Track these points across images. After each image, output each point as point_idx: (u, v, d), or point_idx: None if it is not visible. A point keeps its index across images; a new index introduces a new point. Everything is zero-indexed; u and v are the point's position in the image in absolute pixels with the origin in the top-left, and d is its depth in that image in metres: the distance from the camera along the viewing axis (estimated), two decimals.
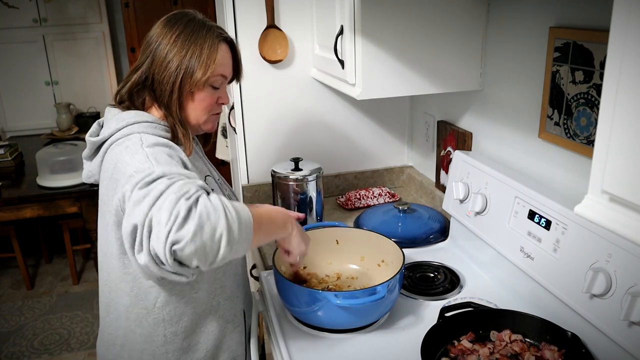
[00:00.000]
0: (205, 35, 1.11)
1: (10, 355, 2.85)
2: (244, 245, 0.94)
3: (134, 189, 0.91)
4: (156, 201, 0.87)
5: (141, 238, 0.88)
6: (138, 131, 1.07)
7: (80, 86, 4.33)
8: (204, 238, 0.86)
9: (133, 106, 1.15)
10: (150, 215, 0.87)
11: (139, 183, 0.91)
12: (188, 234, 0.85)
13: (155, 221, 0.86)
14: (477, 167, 1.50)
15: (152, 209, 0.87)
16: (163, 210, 0.86)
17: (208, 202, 0.89)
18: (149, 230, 0.87)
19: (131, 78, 1.13)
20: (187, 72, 1.09)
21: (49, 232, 3.96)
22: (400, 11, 1.44)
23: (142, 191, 0.89)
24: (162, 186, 0.89)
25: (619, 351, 1.02)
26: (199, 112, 1.15)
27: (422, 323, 1.27)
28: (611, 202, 0.65)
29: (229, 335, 1.22)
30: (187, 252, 0.86)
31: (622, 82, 0.60)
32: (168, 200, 0.86)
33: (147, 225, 0.87)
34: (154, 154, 0.99)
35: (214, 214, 0.88)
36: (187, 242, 0.85)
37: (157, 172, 0.92)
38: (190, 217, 0.86)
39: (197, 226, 0.85)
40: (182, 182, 0.90)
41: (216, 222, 0.88)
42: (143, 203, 0.88)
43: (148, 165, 0.96)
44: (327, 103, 1.99)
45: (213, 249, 0.88)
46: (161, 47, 1.10)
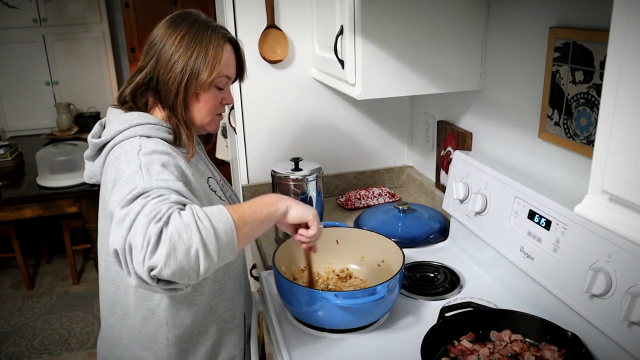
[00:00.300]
0: (211, 36, 1.10)
1: (10, 355, 2.85)
2: (227, 251, 0.91)
3: (117, 206, 0.90)
4: (132, 224, 0.86)
5: (125, 261, 0.87)
6: (140, 133, 1.07)
7: (80, 86, 4.33)
8: (179, 259, 0.84)
9: (136, 107, 1.14)
10: (128, 240, 0.86)
11: (122, 201, 0.90)
12: (161, 259, 0.83)
13: (133, 246, 0.85)
14: (477, 167, 1.50)
15: (130, 233, 0.86)
16: (137, 234, 0.85)
17: (179, 219, 0.86)
18: (130, 254, 0.86)
19: (135, 79, 1.13)
20: (192, 73, 1.09)
21: (49, 232, 3.96)
22: (400, 11, 1.44)
23: (123, 211, 0.89)
24: (137, 207, 0.87)
25: (619, 351, 1.02)
26: (203, 113, 1.15)
27: (422, 323, 1.27)
28: (611, 202, 0.65)
29: (227, 337, 1.22)
30: (165, 275, 0.85)
31: (622, 82, 0.60)
32: (140, 224, 0.85)
33: (127, 250, 0.86)
34: (147, 164, 0.98)
35: (185, 232, 0.85)
36: (162, 267, 0.83)
37: (138, 188, 0.91)
38: (161, 241, 0.84)
39: (169, 249, 0.84)
40: (155, 201, 0.88)
41: (189, 240, 0.85)
42: (122, 225, 0.87)
43: (137, 178, 0.95)
44: (327, 103, 1.99)
45: (191, 266, 0.86)
46: (166, 48, 1.09)
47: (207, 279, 1.14)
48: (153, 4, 4.16)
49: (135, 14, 4.19)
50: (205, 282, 1.13)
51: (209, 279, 1.14)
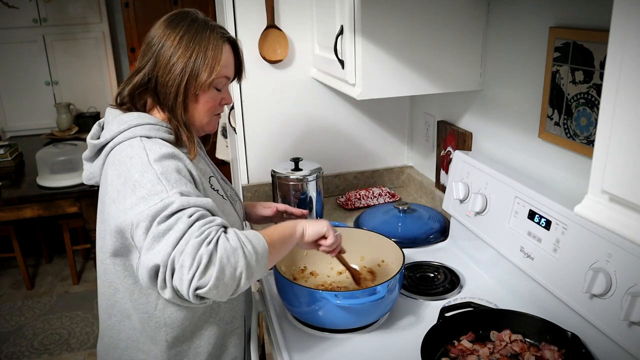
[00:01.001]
0: (209, 36, 1.09)
1: (10, 355, 2.85)
2: (260, 272, 0.98)
3: (152, 221, 0.92)
4: (178, 242, 0.89)
5: (164, 277, 0.90)
6: (140, 134, 1.06)
7: (80, 86, 4.33)
8: (225, 280, 0.90)
9: (134, 108, 1.13)
10: (172, 257, 0.89)
11: (158, 217, 0.92)
12: (211, 280, 0.88)
13: (178, 265, 0.88)
14: (477, 167, 1.50)
15: (175, 250, 0.89)
16: (186, 254, 0.88)
17: (227, 243, 0.91)
18: (172, 271, 0.89)
19: (133, 80, 1.11)
20: (192, 74, 1.08)
21: (49, 232, 3.96)
22: (400, 11, 1.44)
23: (162, 226, 0.91)
24: (183, 226, 0.91)
25: (619, 351, 1.02)
26: (202, 114, 1.14)
27: (422, 323, 1.27)
28: (611, 202, 0.65)
29: (228, 338, 1.22)
30: (210, 295, 0.90)
31: (622, 82, 0.60)
32: (190, 244, 0.89)
33: (169, 266, 0.89)
34: (164, 172, 0.99)
35: (233, 256, 0.91)
36: (211, 287, 0.88)
37: (175, 204, 0.93)
38: (211, 263, 0.89)
39: (219, 272, 0.89)
40: (202, 222, 0.92)
41: (236, 263, 0.91)
42: (164, 242, 0.90)
43: (161, 189, 0.96)
44: (327, 103, 1.99)
45: (233, 286, 0.92)
46: (164, 48, 1.08)
47: None
48: (153, 4, 4.16)
49: (135, 14, 4.19)
50: None
51: None
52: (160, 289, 0.92)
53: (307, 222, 1.18)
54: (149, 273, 0.91)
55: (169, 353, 1.13)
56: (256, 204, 1.46)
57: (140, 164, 1.00)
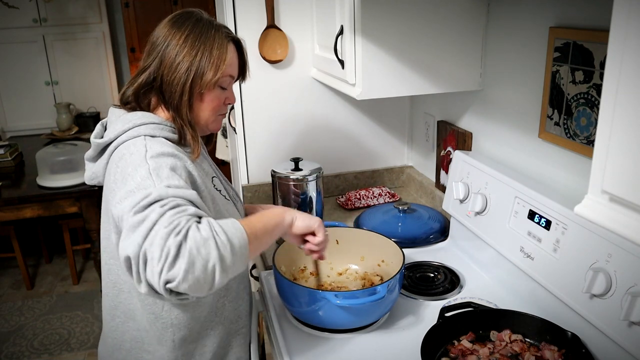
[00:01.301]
0: (214, 36, 1.10)
1: (10, 355, 2.85)
2: (240, 264, 0.93)
3: (130, 211, 0.90)
4: (149, 233, 0.86)
5: (137, 269, 0.87)
6: (144, 133, 1.06)
7: (80, 86, 4.33)
8: (196, 274, 0.85)
9: (139, 107, 1.13)
10: (144, 248, 0.85)
11: (136, 206, 0.89)
12: (180, 273, 0.84)
13: (149, 256, 0.85)
14: (477, 167, 1.50)
15: (145, 241, 0.86)
16: (154, 245, 0.85)
17: (197, 234, 0.87)
18: (144, 263, 0.86)
19: (138, 79, 1.12)
20: (197, 73, 1.08)
21: (49, 232, 3.96)
22: (400, 11, 1.44)
23: (138, 217, 0.88)
24: (154, 216, 0.87)
25: (619, 351, 1.02)
26: (207, 113, 1.15)
27: (422, 323, 1.27)
28: (611, 202, 0.65)
29: (233, 338, 1.22)
30: (181, 288, 0.85)
31: (622, 82, 0.60)
32: (159, 235, 0.85)
33: (141, 258, 0.86)
34: (156, 168, 0.97)
35: (203, 247, 0.86)
36: (180, 281, 0.84)
37: (153, 195, 0.90)
38: (180, 255, 0.84)
39: (188, 264, 0.84)
40: (173, 212, 0.88)
41: (207, 255, 0.86)
42: (137, 232, 0.87)
43: (149, 183, 0.94)
44: (327, 103, 1.99)
45: (207, 280, 0.87)
46: (170, 48, 1.09)
47: None
48: (153, 4, 4.16)
49: (135, 14, 4.19)
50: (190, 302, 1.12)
51: None
52: (136, 283, 0.88)
53: (298, 213, 1.15)
54: (125, 265, 0.88)
55: (175, 353, 1.13)
56: (256, 206, 1.46)
57: (136, 159, 1.00)
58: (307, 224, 1.15)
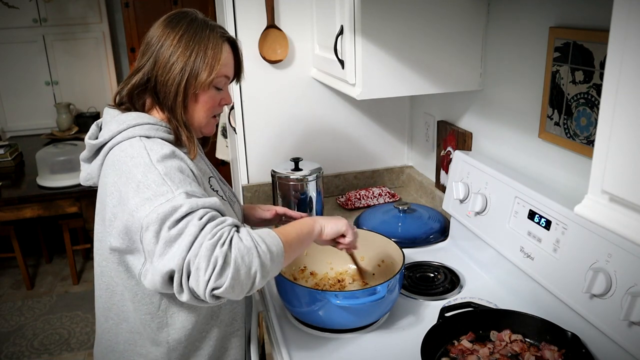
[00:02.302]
0: (209, 36, 1.09)
1: (10, 355, 2.85)
2: (276, 270, 0.99)
3: (161, 225, 0.92)
4: (191, 245, 0.90)
5: (180, 281, 0.90)
6: (140, 134, 1.06)
7: (80, 86, 4.33)
8: (241, 279, 0.91)
9: (133, 108, 1.13)
10: (187, 260, 0.89)
11: (167, 221, 0.92)
12: (227, 280, 0.89)
13: (194, 268, 0.89)
14: (477, 167, 1.50)
15: (189, 254, 0.89)
16: (201, 257, 0.89)
17: (241, 243, 0.92)
18: (187, 274, 0.90)
19: (132, 80, 1.11)
20: (192, 73, 1.07)
21: (49, 232, 3.96)
22: (400, 11, 1.44)
23: (173, 231, 0.91)
24: (194, 229, 0.91)
25: (619, 351, 1.02)
26: (202, 114, 1.14)
27: (422, 323, 1.27)
28: (611, 202, 0.65)
29: (229, 340, 1.21)
30: (226, 294, 0.91)
31: (622, 82, 0.60)
32: (204, 247, 0.89)
33: (185, 271, 0.90)
34: (167, 173, 0.98)
35: (247, 255, 0.92)
36: (227, 288, 0.89)
37: (184, 207, 0.92)
38: (227, 264, 0.89)
39: (235, 271, 0.90)
40: (214, 224, 0.93)
41: (250, 262, 0.92)
42: (177, 246, 0.90)
43: (166, 189, 0.95)
44: (327, 103, 1.99)
45: (248, 285, 0.93)
46: (164, 48, 1.08)
47: None
48: (153, 4, 4.16)
49: (135, 14, 4.19)
50: None
51: None
52: (177, 293, 0.92)
53: (325, 219, 1.19)
54: (164, 278, 0.92)
55: (170, 355, 1.12)
56: (255, 207, 1.46)
57: (142, 164, 1.00)
58: (336, 230, 1.19)
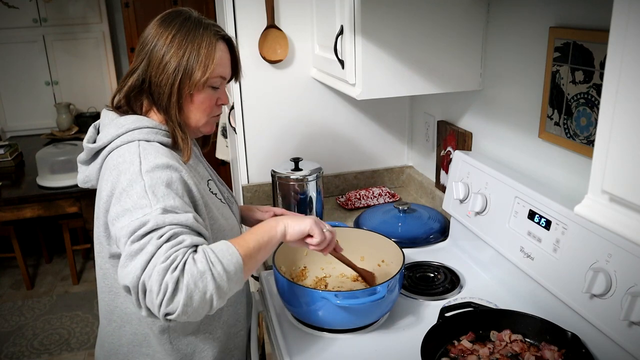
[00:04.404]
0: (202, 34, 1.07)
1: (10, 355, 2.85)
2: (235, 287, 0.96)
3: (127, 239, 0.92)
4: (146, 265, 0.89)
5: (137, 297, 0.90)
6: (139, 138, 1.04)
7: (80, 86, 4.33)
8: (194, 305, 0.88)
9: (131, 110, 1.11)
10: (142, 281, 0.88)
11: (133, 235, 0.91)
12: (178, 306, 0.87)
13: (148, 288, 0.88)
14: (477, 167, 1.50)
15: (144, 274, 0.88)
16: (152, 280, 0.87)
17: (194, 267, 0.89)
18: (143, 293, 0.89)
19: (127, 82, 1.09)
20: (185, 73, 1.05)
21: (49, 232, 3.96)
22: (400, 11, 1.44)
23: (134, 246, 0.90)
24: (152, 248, 0.89)
25: (619, 351, 1.02)
26: (198, 115, 1.12)
27: (422, 323, 1.27)
28: (611, 202, 0.65)
29: (232, 341, 1.21)
30: (180, 320, 0.89)
31: (622, 82, 0.60)
32: (156, 271, 0.87)
33: (140, 289, 0.88)
34: (152, 186, 0.96)
35: (200, 280, 0.89)
36: (179, 314, 0.87)
37: (150, 223, 0.91)
38: (178, 290, 0.87)
39: (187, 297, 0.87)
40: (170, 245, 0.90)
41: (204, 287, 0.89)
42: (134, 263, 0.89)
43: (145, 203, 0.94)
44: (327, 103, 1.99)
45: (205, 308, 0.91)
46: (157, 48, 1.06)
47: None
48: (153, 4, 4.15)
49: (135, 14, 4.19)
50: None
51: None
52: (136, 308, 0.92)
53: (290, 219, 1.09)
54: (124, 290, 0.92)
55: (175, 356, 1.12)
56: (253, 208, 1.44)
57: (130, 172, 0.99)
58: (300, 230, 1.08)
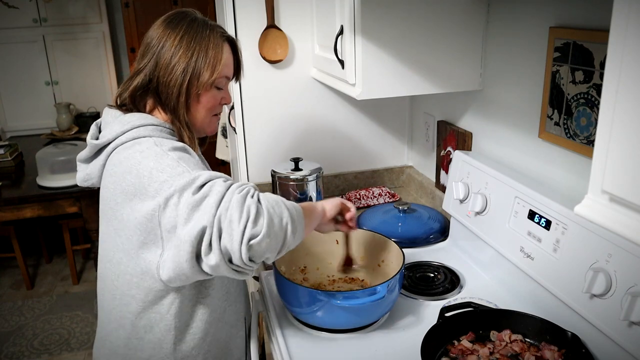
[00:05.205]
0: (209, 36, 1.10)
1: (10, 355, 2.85)
2: (301, 233, 1.00)
3: (183, 193, 0.92)
4: (220, 202, 0.90)
5: (210, 239, 0.90)
6: (145, 134, 1.06)
7: (80, 86, 4.33)
8: (275, 229, 0.92)
9: (136, 109, 1.13)
10: (219, 215, 0.89)
11: (189, 188, 0.92)
12: (263, 228, 0.90)
13: (227, 221, 0.89)
14: (477, 167, 1.50)
15: (220, 209, 0.90)
16: (232, 209, 0.89)
17: (269, 196, 0.95)
18: (218, 231, 0.89)
19: (133, 82, 1.11)
20: (194, 74, 1.08)
21: (49, 232, 3.96)
22: (400, 11, 1.44)
23: (198, 195, 0.91)
24: (220, 188, 0.91)
25: (619, 351, 1.02)
26: (204, 114, 1.15)
27: (422, 323, 1.27)
28: (611, 202, 0.65)
29: (232, 341, 1.22)
30: (263, 245, 0.91)
31: (622, 82, 0.60)
32: (234, 200, 0.90)
33: (216, 226, 0.89)
34: (181, 158, 0.99)
35: (277, 206, 0.94)
36: (264, 236, 0.90)
37: (204, 176, 0.94)
38: (259, 213, 0.91)
39: (269, 219, 0.91)
40: (238, 184, 0.94)
41: (281, 213, 0.94)
42: (204, 205, 0.90)
43: (182, 170, 0.96)
44: (327, 103, 1.99)
45: (281, 238, 0.95)
46: (165, 49, 1.08)
47: (215, 283, 1.13)
48: (153, 4, 4.16)
49: (135, 14, 4.19)
50: (210, 285, 1.12)
51: (216, 282, 1.13)
52: (204, 256, 0.91)
53: (320, 202, 1.20)
54: (193, 243, 0.90)
55: (176, 356, 1.12)
56: None
57: (153, 154, 1.00)
58: (335, 204, 1.21)
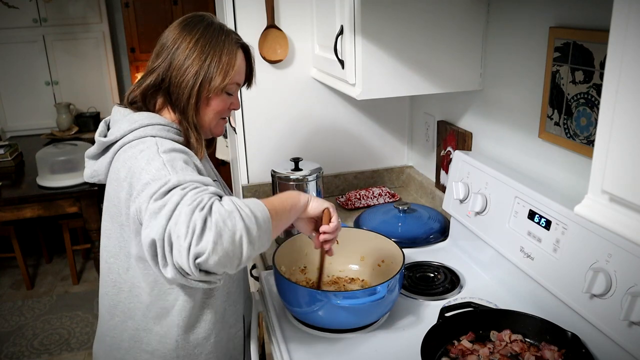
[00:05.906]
0: (224, 42, 1.11)
1: (10, 355, 2.85)
2: (265, 239, 0.94)
3: (150, 199, 0.91)
4: (172, 214, 0.87)
5: (163, 252, 0.87)
6: (152, 134, 1.06)
7: (80, 86, 4.33)
8: (224, 245, 0.86)
9: (145, 108, 1.14)
10: (168, 229, 0.86)
11: (155, 194, 0.91)
12: (208, 245, 0.84)
13: (175, 236, 0.86)
14: (477, 167, 1.50)
15: (170, 222, 0.87)
16: (180, 223, 0.85)
17: (221, 207, 0.88)
18: (169, 245, 0.87)
19: (146, 80, 1.12)
20: (206, 78, 1.09)
21: (49, 232, 3.96)
22: (400, 11, 1.44)
23: (158, 203, 0.89)
24: (176, 197, 0.88)
25: (619, 351, 1.02)
26: (212, 117, 1.16)
27: (422, 323, 1.27)
28: (611, 202, 0.65)
29: (232, 341, 1.22)
30: (211, 262, 0.85)
31: (622, 82, 0.60)
32: (183, 213, 0.86)
33: (167, 240, 0.87)
34: (170, 161, 0.99)
35: (229, 219, 0.87)
36: (210, 253, 0.84)
37: (172, 182, 0.92)
38: (206, 228, 0.85)
39: (216, 235, 0.85)
40: (195, 191, 0.90)
41: (233, 226, 0.87)
42: (159, 216, 0.88)
43: (164, 173, 0.95)
44: (327, 103, 1.99)
45: (236, 253, 0.88)
46: (179, 50, 1.09)
47: None
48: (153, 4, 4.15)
49: (135, 14, 4.19)
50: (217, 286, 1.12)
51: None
52: (162, 268, 0.89)
53: (311, 195, 1.15)
54: (149, 252, 0.89)
55: (178, 352, 1.13)
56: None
57: (148, 154, 1.01)
58: (321, 205, 1.14)
